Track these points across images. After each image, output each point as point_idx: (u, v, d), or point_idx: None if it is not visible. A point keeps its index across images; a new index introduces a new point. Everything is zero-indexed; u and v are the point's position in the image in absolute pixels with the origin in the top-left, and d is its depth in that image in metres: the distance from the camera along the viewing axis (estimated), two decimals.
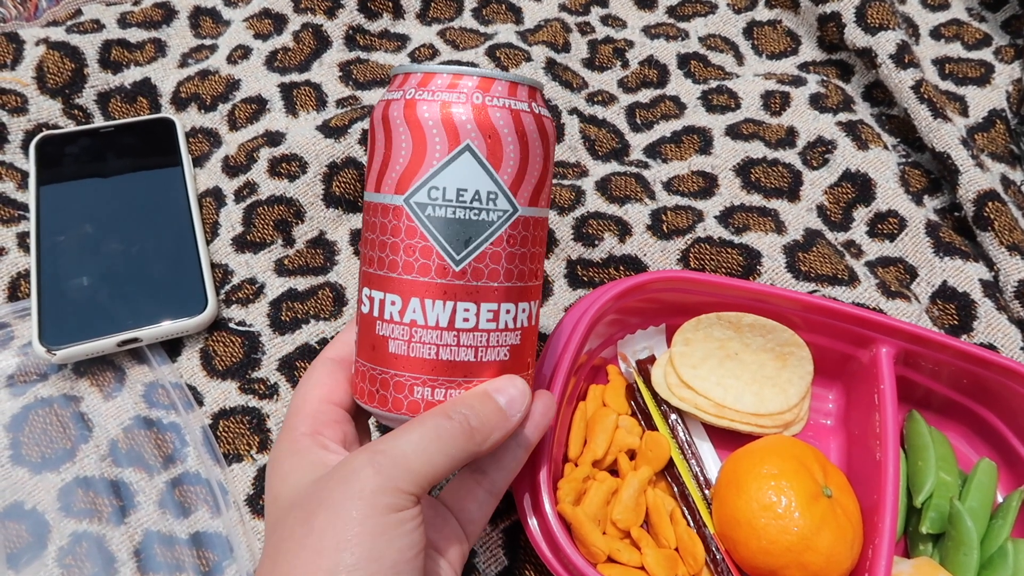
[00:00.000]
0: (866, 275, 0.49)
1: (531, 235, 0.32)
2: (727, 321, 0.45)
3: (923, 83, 0.55)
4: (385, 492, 0.28)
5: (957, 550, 0.39)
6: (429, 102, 0.31)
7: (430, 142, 0.30)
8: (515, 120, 0.31)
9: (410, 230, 0.31)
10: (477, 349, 0.32)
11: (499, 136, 0.31)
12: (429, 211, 0.31)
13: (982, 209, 0.51)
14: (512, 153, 0.31)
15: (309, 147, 0.53)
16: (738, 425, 0.44)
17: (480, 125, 0.30)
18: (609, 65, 0.61)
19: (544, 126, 0.32)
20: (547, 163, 0.33)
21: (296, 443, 0.32)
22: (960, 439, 0.46)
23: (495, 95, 0.31)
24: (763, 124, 0.57)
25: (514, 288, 0.32)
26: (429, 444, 0.29)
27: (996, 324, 0.48)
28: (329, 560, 0.27)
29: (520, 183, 0.31)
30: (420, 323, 0.31)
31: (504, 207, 0.31)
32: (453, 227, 0.31)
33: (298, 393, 0.34)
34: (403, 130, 0.31)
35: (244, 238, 0.51)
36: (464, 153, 0.30)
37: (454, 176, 0.31)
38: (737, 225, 0.51)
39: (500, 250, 0.31)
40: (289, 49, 0.59)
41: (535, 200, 0.32)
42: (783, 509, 0.37)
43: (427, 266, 0.31)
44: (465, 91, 0.31)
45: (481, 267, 0.31)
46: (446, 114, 0.30)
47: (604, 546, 0.39)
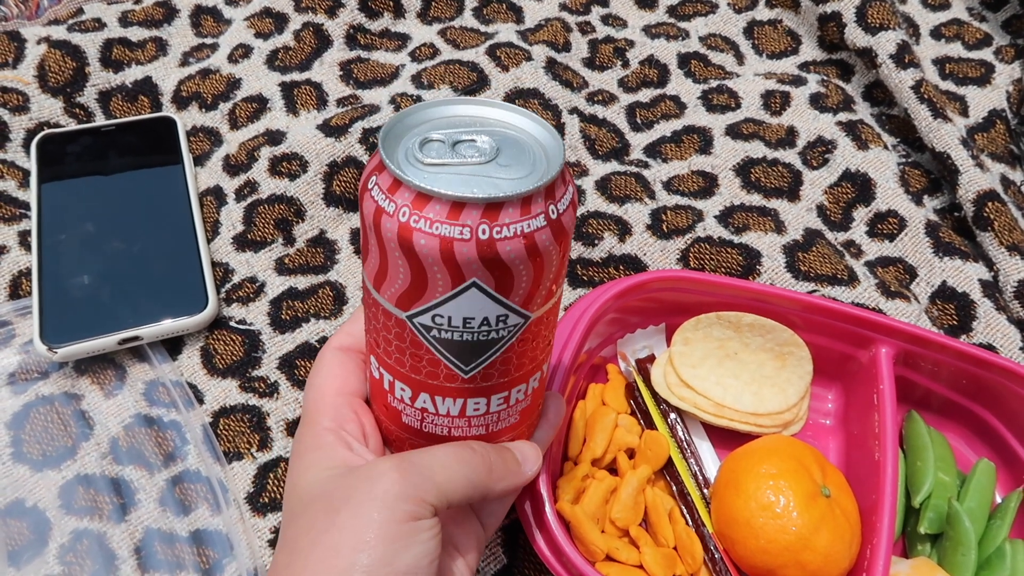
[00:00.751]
0: (866, 275, 0.49)
1: (545, 324, 0.30)
2: (727, 321, 0.45)
3: (923, 83, 0.55)
4: (407, 499, 0.28)
5: (955, 550, 0.39)
6: (427, 235, 0.25)
7: (431, 276, 0.26)
8: (528, 246, 0.26)
9: (415, 342, 0.29)
10: (488, 426, 0.32)
11: (509, 269, 0.26)
12: (435, 333, 0.28)
13: (982, 209, 0.51)
14: (524, 277, 0.27)
15: (310, 146, 0.53)
16: (737, 425, 0.44)
17: (487, 263, 0.26)
18: (610, 64, 0.62)
19: (563, 226, 0.27)
20: (564, 257, 0.29)
21: (319, 438, 0.32)
22: (959, 439, 0.46)
23: (504, 223, 0.25)
24: (763, 124, 0.57)
25: (526, 372, 0.31)
26: (453, 464, 0.30)
27: (995, 324, 0.48)
28: (345, 559, 0.27)
29: (532, 297, 0.28)
30: (431, 411, 0.31)
31: (516, 322, 0.28)
32: (462, 347, 0.28)
33: (313, 385, 0.34)
34: (399, 255, 0.26)
35: (245, 237, 0.51)
36: (470, 289, 0.27)
37: (460, 307, 0.27)
38: (737, 225, 0.51)
39: (512, 355, 0.29)
40: (290, 48, 0.59)
41: (548, 298, 0.29)
42: (781, 509, 0.37)
43: (435, 373, 0.29)
44: (469, 224, 0.25)
45: (492, 371, 0.30)
46: (447, 251, 0.25)
47: (603, 544, 0.39)
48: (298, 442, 0.33)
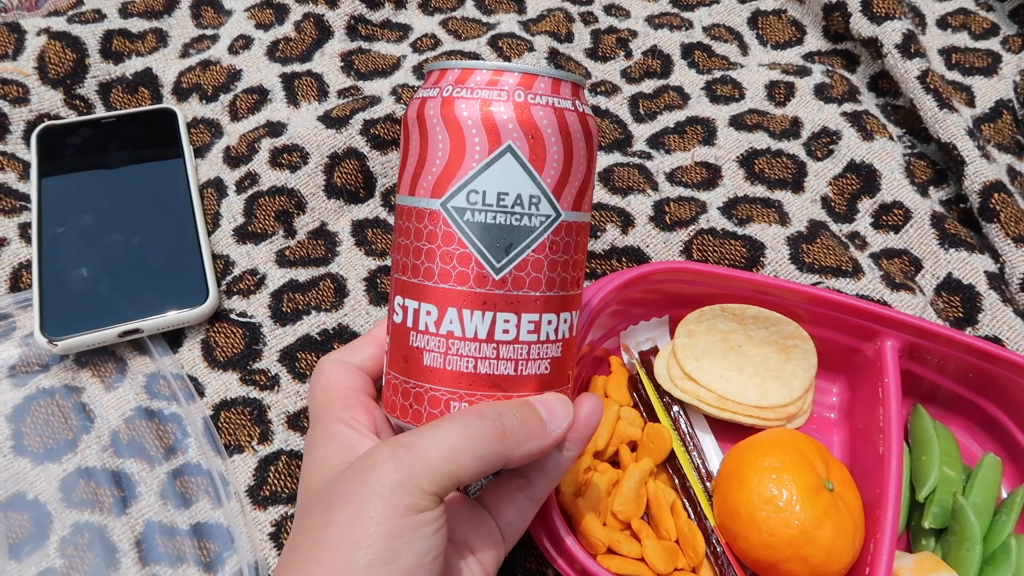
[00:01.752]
0: (870, 267, 0.49)
1: (574, 241, 0.31)
2: (731, 313, 0.45)
3: (929, 73, 0.55)
4: (405, 491, 0.27)
5: (960, 545, 0.39)
6: (468, 100, 0.29)
7: (469, 143, 0.29)
8: (559, 119, 0.29)
9: (447, 236, 0.29)
10: (517, 362, 0.30)
11: (542, 136, 0.29)
12: (468, 216, 0.29)
13: (988, 200, 0.50)
14: (556, 154, 0.29)
15: (310, 138, 0.52)
16: (740, 418, 0.44)
17: (522, 124, 0.29)
18: (612, 55, 0.61)
19: (588, 125, 0.30)
20: (591, 165, 0.31)
21: (331, 430, 0.31)
22: (965, 434, 0.46)
23: (538, 92, 0.29)
24: (767, 115, 0.56)
25: (556, 297, 0.30)
26: (456, 442, 0.28)
27: (1001, 316, 0.47)
28: (344, 558, 0.26)
29: (564, 186, 0.30)
30: (457, 335, 0.30)
31: (547, 212, 0.29)
32: (493, 233, 0.29)
33: (317, 386, 0.34)
34: (440, 130, 0.29)
35: (245, 229, 0.50)
36: (506, 154, 0.29)
37: (495, 179, 0.29)
38: (740, 216, 0.50)
39: (542, 257, 0.30)
40: (291, 39, 0.59)
41: (578, 204, 0.31)
42: (784, 502, 0.37)
43: (465, 274, 0.29)
44: (506, 88, 0.29)
45: (522, 275, 0.29)
46: (486, 113, 0.28)
47: (604, 537, 0.38)
48: (310, 436, 0.32)
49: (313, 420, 0.33)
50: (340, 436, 0.31)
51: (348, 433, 0.31)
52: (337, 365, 0.34)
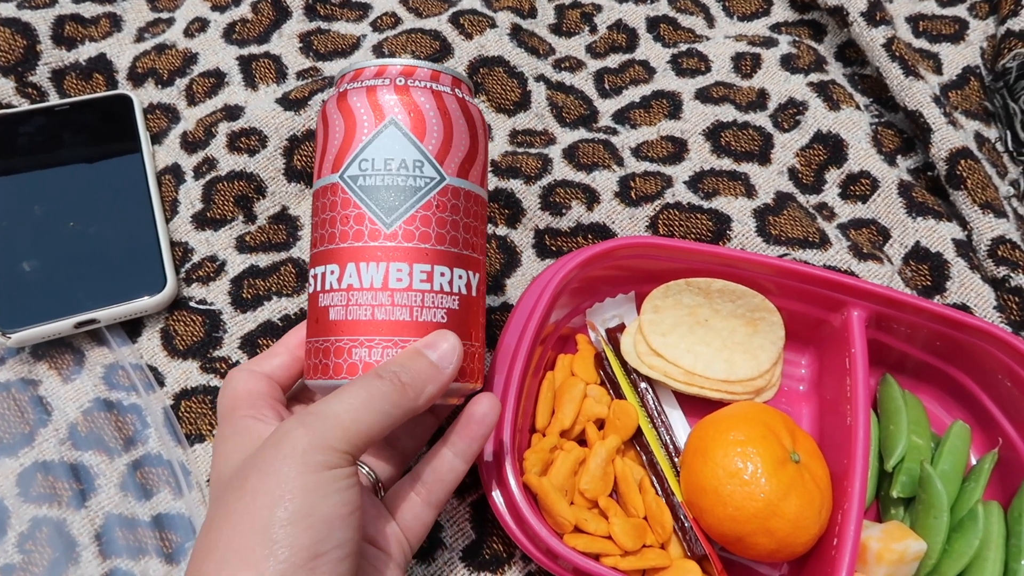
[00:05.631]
0: (838, 237, 0.49)
1: (463, 206, 0.34)
2: (696, 287, 0.44)
3: (895, 40, 0.54)
4: (317, 450, 0.28)
5: (927, 513, 0.39)
6: (357, 90, 0.34)
7: (359, 122, 0.34)
8: (437, 99, 0.34)
9: (345, 202, 0.33)
10: (412, 308, 0.33)
11: (421, 111, 0.34)
12: (360, 181, 0.33)
13: (955, 167, 0.50)
14: (436, 127, 0.34)
15: (268, 120, 0.51)
16: (708, 392, 0.43)
17: (403, 103, 0.33)
18: (577, 30, 0.60)
19: (468, 109, 0.35)
20: (475, 142, 0.35)
21: (238, 425, 0.32)
22: (934, 402, 0.46)
23: (418, 79, 0.34)
24: (733, 87, 0.56)
25: (448, 253, 0.33)
26: (361, 403, 0.29)
27: (969, 284, 0.47)
28: (262, 518, 0.27)
29: (446, 154, 0.34)
30: (356, 286, 0.33)
31: (431, 174, 0.33)
32: (382, 193, 0.33)
33: (226, 392, 0.35)
34: (336, 117, 0.34)
35: (204, 215, 0.49)
36: (389, 127, 0.33)
37: (381, 148, 0.33)
38: (707, 190, 0.50)
39: (430, 214, 0.33)
40: (248, 21, 0.57)
41: (464, 173, 0.34)
42: (749, 476, 0.36)
43: (360, 232, 0.33)
44: (390, 76, 0.34)
45: (411, 229, 0.33)
46: (372, 98, 0.34)
47: (571, 516, 0.38)
48: (218, 439, 0.33)
49: (221, 422, 0.34)
50: (248, 428, 0.32)
51: (256, 425, 0.32)
52: (246, 373, 0.35)
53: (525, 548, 0.37)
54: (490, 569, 0.40)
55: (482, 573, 0.39)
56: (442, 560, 0.40)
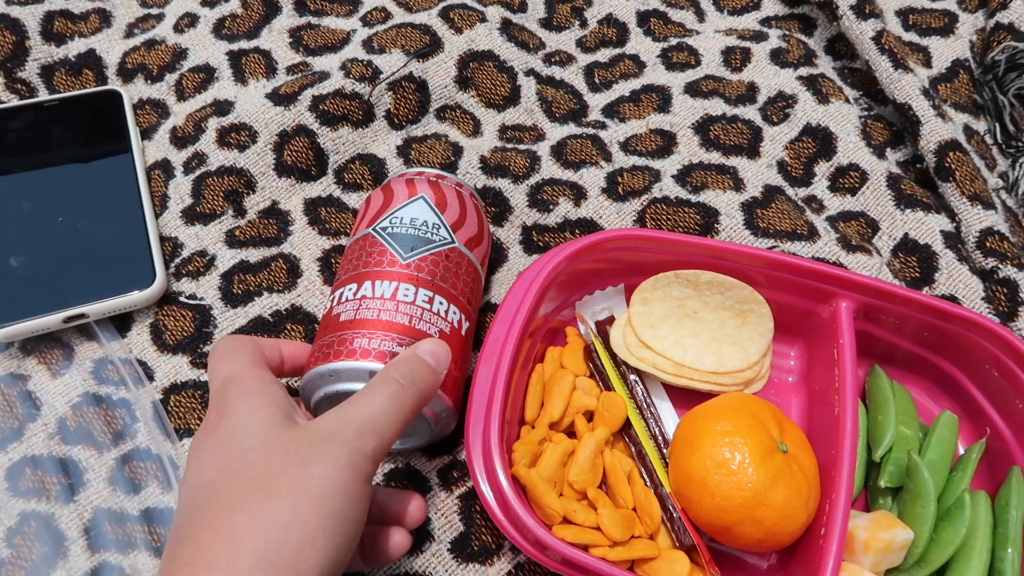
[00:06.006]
0: (826, 230, 0.49)
1: (464, 267, 0.42)
2: (685, 279, 0.44)
3: (884, 34, 0.54)
4: (365, 459, 0.31)
5: (915, 502, 0.39)
6: (398, 180, 0.44)
7: (396, 195, 0.43)
8: (458, 194, 0.44)
9: (373, 243, 0.41)
10: (411, 317, 0.38)
11: (445, 196, 0.43)
12: (389, 230, 0.41)
13: (943, 159, 0.50)
14: (454, 208, 0.43)
15: (258, 116, 0.51)
16: (697, 384, 0.43)
17: (432, 188, 0.43)
18: (567, 25, 0.60)
19: (479, 209, 0.45)
20: (481, 232, 0.44)
21: (248, 384, 0.34)
22: (922, 392, 0.46)
23: (447, 181, 0.44)
24: (723, 80, 0.56)
25: (448, 291, 0.40)
26: (391, 408, 0.32)
27: (957, 275, 0.47)
28: (306, 513, 0.29)
29: (459, 228, 0.42)
30: (368, 295, 0.39)
31: (445, 236, 0.41)
32: (404, 239, 0.41)
33: (218, 368, 0.35)
34: (377, 196, 0.44)
35: (194, 210, 0.49)
36: (419, 199, 0.42)
37: (410, 211, 0.42)
38: (695, 184, 0.50)
39: (439, 260, 0.40)
40: (237, 16, 0.57)
41: (470, 247, 0.42)
42: (737, 466, 0.36)
43: (381, 261, 0.40)
44: (425, 176, 0.44)
45: (423, 265, 0.40)
46: (410, 184, 0.43)
47: (559, 507, 0.38)
48: (223, 399, 0.33)
49: (222, 390, 0.34)
50: (259, 391, 0.33)
51: (272, 388, 0.34)
52: (248, 340, 0.37)
53: (513, 539, 0.37)
54: (479, 560, 0.40)
55: (470, 564, 0.40)
56: (430, 552, 0.40)
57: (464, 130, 0.54)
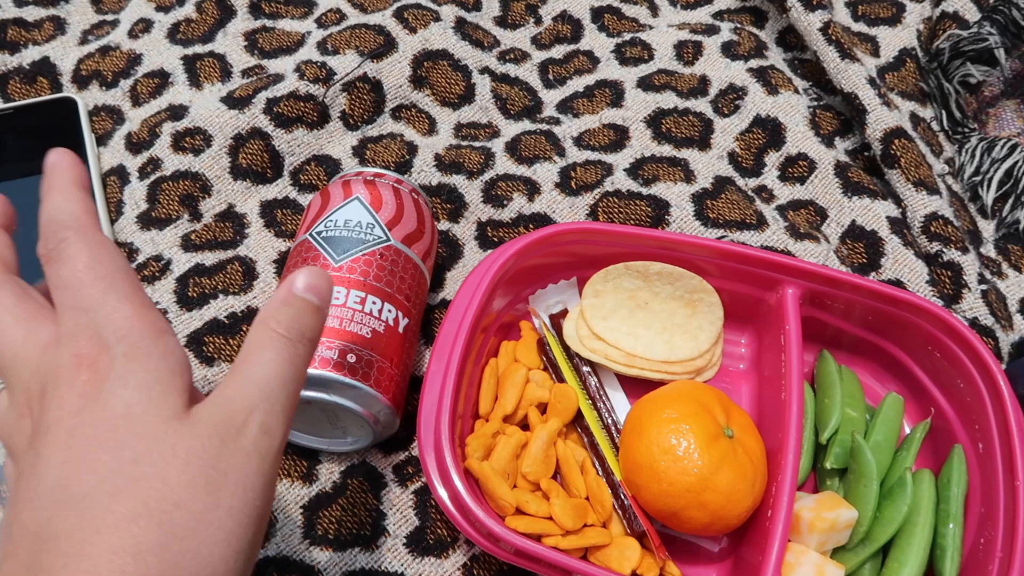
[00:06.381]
0: (775, 218, 0.49)
1: (401, 264, 0.42)
2: (635, 271, 0.45)
3: (831, 24, 0.55)
4: (275, 456, 0.26)
5: (858, 482, 0.40)
6: (335, 183, 0.45)
7: (332, 198, 0.44)
8: (395, 191, 0.44)
9: (308, 249, 0.42)
10: (341, 320, 0.39)
11: (381, 195, 0.43)
12: (324, 234, 0.42)
13: (889, 147, 0.51)
14: (390, 205, 0.43)
15: (213, 120, 0.51)
16: (649, 374, 0.44)
17: (368, 188, 0.44)
18: (522, 22, 0.61)
19: (419, 204, 0.45)
20: (422, 227, 0.44)
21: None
22: (869, 375, 0.47)
23: (385, 179, 0.45)
24: (675, 74, 0.56)
25: (382, 290, 0.41)
26: (287, 377, 0.26)
27: (903, 260, 0.48)
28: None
29: (395, 225, 0.43)
30: None
31: (379, 235, 0.42)
32: (337, 241, 0.42)
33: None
34: (316, 200, 0.45)
35: (149, 215, 0.50)
36: (353, 200, 0.43)
37: (344, 213, 0.43)
38: (646, 176, 0.51)
39: (373, 260, 0.41)
40: (192, 20, 0.58)
41: (408, 243, 0.43)
42: (683, 451, 0.37)
43: (313, 264, 0.41)
44: (363, 176, 0.45)
45: (355, 267, 0.41)
46: (346, 186, 0.44)
47: (512, 499, 0.39)
48: (105, 354, 0.25)
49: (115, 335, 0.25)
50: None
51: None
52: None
53: (466, 532, 0.38)
54: (434, 554, 0.40)
55: (426, 558, 0.40)
56: (386, 547, 0.40)
57: (419, 129, 0.54)
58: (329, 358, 0.38)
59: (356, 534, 0.40)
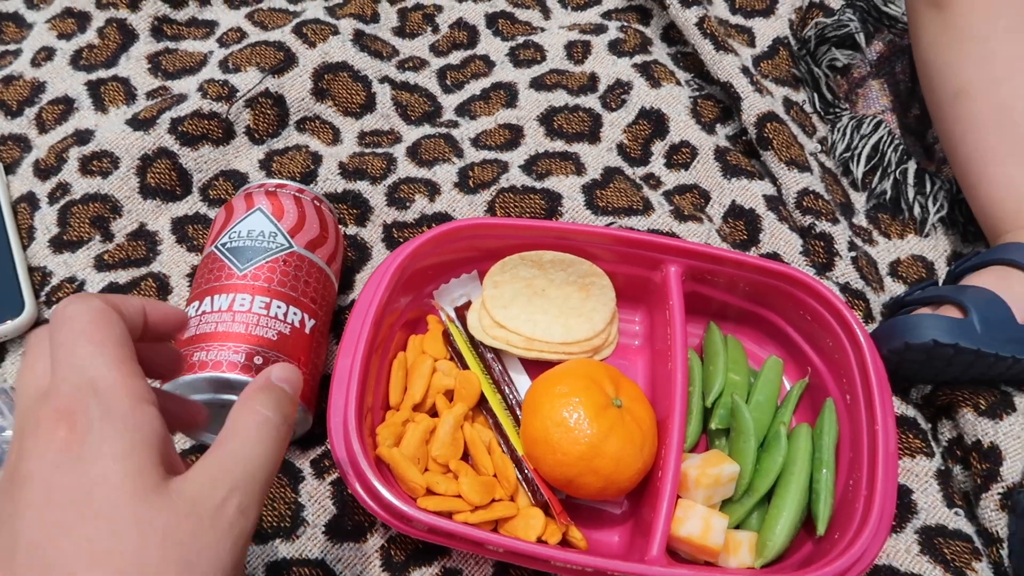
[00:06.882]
0: (661, 203, 0.53)
1: (305, 268, 0.45)
2: (530, 260, 0.48)
3: (706, 19, 0.59)
4: (246, 537, 0.26)
5: (739, 439, 0.43)
6: (238, 197, 0.47)
7: (236, 211, 0.46)
8: (296, 200, 0.46)
9: (214, 260, 0.44)
10: (247, 324, 0.42)
11: (282, 204, 0.46)
12: (228, 245, 0.44)
13: (762, 130, 0.55)
14: (292, 213, 0.45)
15: (119, 142, 0.53)
16: (548, 355, 0.47)
17: (271, 199, 0.46)
18: (420, 31, 0.63)
19: (322, 212, 0.47)
20: (325, 233, 0.46)
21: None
22: (753, 342, 0.50)
23: (287, 190, 0.47)
24: (566, 73, 0.60)
25: (287, 294, 0.43)
26: (271, 457, 0.28)
27: (779, 234, 0.52)
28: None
29: (297, 232, 0.45)
30: (208, 310, 0.42)
31: (282, 242, 0.44)
32: (242, 251, 0.44)
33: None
34: (221, 214, 0.47)
35: (61, 239, 0.51)
36: (256, 212, 0.45)
37: (248, 224, 0.45)
38: (540, 171, 0.54)
39: (277, 267, 0.44)
40: (94, 46, 0.59)
41: (312, 248, 0.45)
42: (574, 422, 0.40)
43: (220, 276, 0.43)
44: (264, 187, 0.47)
45: (259, 273, 0.43)
46: (248, 198, 0.46)
47: (422, 480, 0.41)
48: (83, 418, 0.25)
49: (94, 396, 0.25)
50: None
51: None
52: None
53: (380, 516, 0.40)
54: (352, 539, 0.43)
55: (345, 543, 0.42)
56: (306, 536, 0.42)
57: (324, 139, 0.56)
58: (236, 361, 0.40)
59: (277, 527, 0.42)
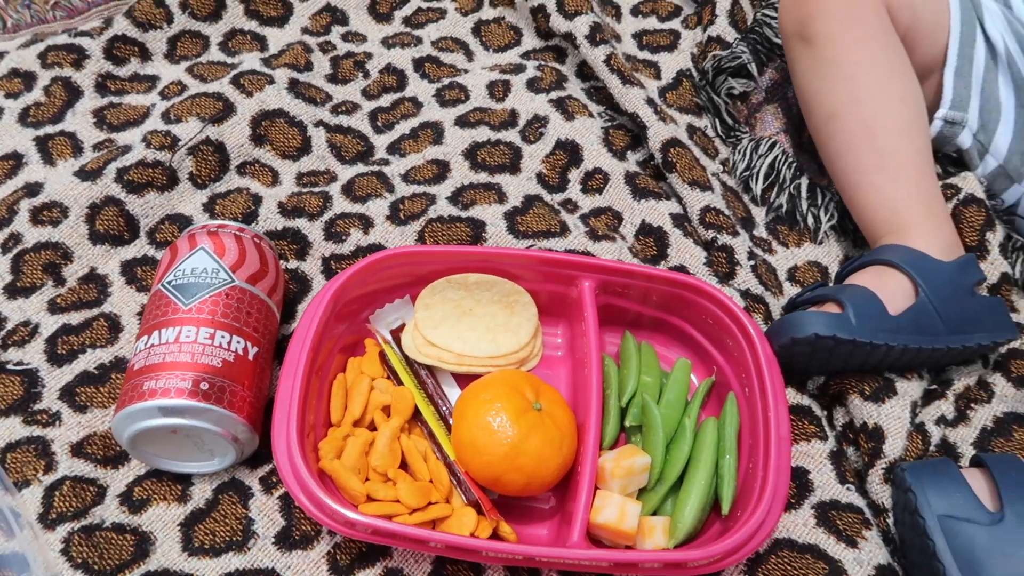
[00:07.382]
0: (576, 225, 0.58)
1: (247, 300, 0.48)
2: (457, 283, 0.52)
3: (613, 56, 0.65)
4: None
5: (650, 433, 0.48)
6: (182, 239, 0.51)
7: (180, 251, 0.50)
8: (237, 239, 0.50)
9: (161, 298, 0.48)
10: (193, 354, 0.45)
11: (223, 242, 0.50)
12: (174, 283, 0.48)
13: (667, 155, 0.61)
14: (233, 250, 0.49)
15: (67, 192, 0.56)
16: (478, 369, 0.51)
17: (212, 239, 0.50)
18: (352, 77, 0.68)
19: (262, 248, 0.51)
20: (265, 267, 0.50)
21: None
22: (664, 347, 0.55)
23: (228, 229, 0.50)
24: (488, 110, 0.65)
25: (230, 325, 0.47)
26: None
27: (685, 248, 0.57)
28: None
29: (238, 268, 0.49)
30: (156, 343, 0.46)
31: (224, 277, 0.48)
32: (187, 288, 0.47)
33: None
34: (166, 255, 0.50)
35: (14, 285, 0.54)
36: (199, 251, 0.49)
37: (192, 262, 0.48)
38: (465, 202, 0.58)
39: (220, 300, 0.47)
40: (41, 104, 0.62)
41: (253, 281, 0.49)
42: (498, 426, 0.44)
43: (167, 311, 0.47)
44: (207, 228, 0.50)
45: (203, 307, 0.47)
46: (192, 238, 0.50)
47: (362, 488, 0.45)
48: None
49: None
50: None
51: None
52: None
53: (324, 523, 0.44)
54: (301, 547, 0.46)
55: (294, 551, 0.46)
56: (256, 548, 0.46)
57: (264, 181, 0.60)
58: (184, 388, 0.44)
59: (229, 541, 0.46)
